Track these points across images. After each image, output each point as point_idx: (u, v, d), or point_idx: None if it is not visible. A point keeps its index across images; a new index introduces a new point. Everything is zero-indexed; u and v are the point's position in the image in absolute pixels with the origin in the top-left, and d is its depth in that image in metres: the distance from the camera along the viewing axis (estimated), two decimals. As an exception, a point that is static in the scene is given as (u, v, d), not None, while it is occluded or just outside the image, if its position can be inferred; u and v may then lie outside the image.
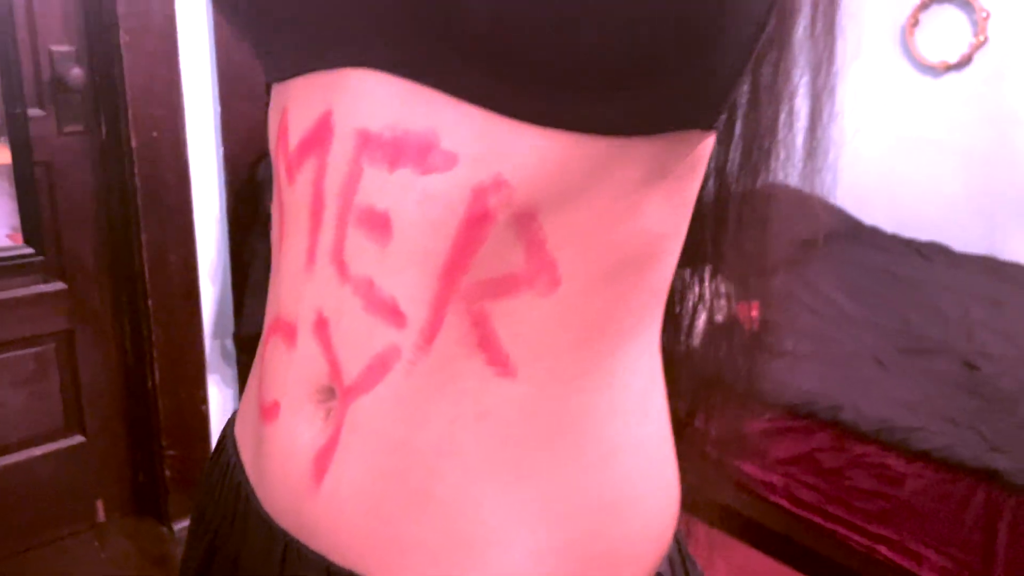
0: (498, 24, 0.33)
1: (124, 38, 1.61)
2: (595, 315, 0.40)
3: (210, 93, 1.77)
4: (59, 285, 1.76)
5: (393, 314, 0.39)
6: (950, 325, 2.15)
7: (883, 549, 1.70)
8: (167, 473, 1.88)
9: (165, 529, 1.91)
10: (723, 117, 0.40)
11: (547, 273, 0.38)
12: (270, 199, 1.79)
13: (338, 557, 0.42)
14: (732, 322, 0.56)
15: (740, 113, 0.48)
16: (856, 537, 1.74)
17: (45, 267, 1.74)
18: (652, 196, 0.39)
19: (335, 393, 0.42)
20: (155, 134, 1.70)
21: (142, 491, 1.96)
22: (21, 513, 1.80)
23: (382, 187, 0.38)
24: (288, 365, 0.44)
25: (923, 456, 1.64)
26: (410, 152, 0.37)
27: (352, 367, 0.40)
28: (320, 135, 0.40)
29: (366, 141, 0.38)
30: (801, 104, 0.49)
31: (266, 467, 0.45)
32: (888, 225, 2.85)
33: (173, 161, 1.74)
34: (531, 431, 0.40)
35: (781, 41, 0.45)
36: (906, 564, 1.67)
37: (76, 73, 1.64)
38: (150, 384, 1.83)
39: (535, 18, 0.32)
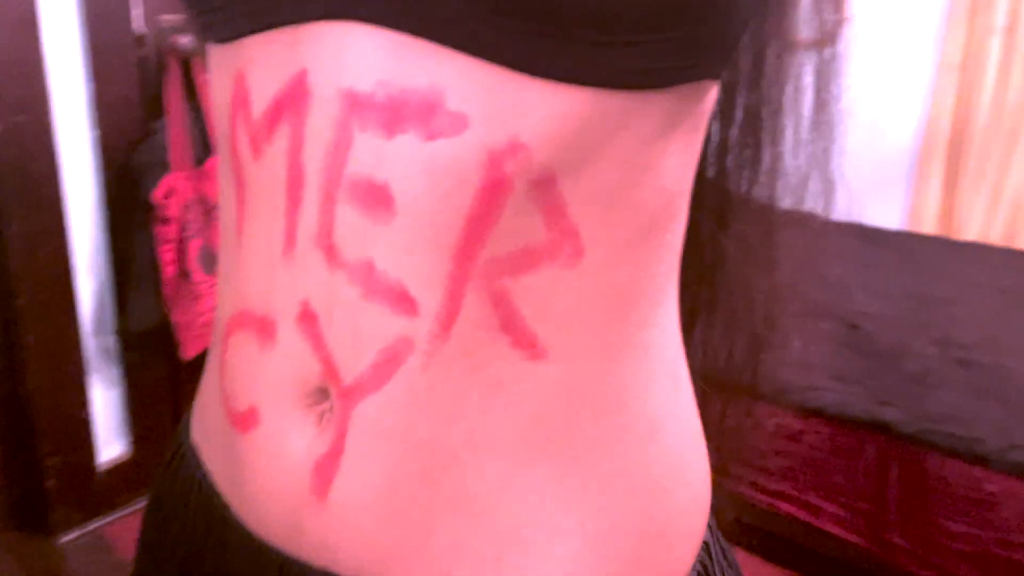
0: None
1: (-21, 12, 1.47)
2: (623, 285, 0.37)
3: (80, 70, 1.64)
4: (-86, 286, 1.60)
5: (402, 301, 0.34)
6: (830, 288, 2.26)
7: (784, 505, 1.78)
8: (49, 483, 1.75)
9: (50, 543, 1.77)
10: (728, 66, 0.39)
11: (570, 243, 0.35)
12: (151, 185, 1.69)
13: (353, 571, 0.38)
14: (734, 320, 0.54)
15: (742, 92, 0.46)
16: (758, 495, 1.81)
17: None
18: (668, 151, 0.37)
19: (329, 394, 0.37)
20: (19, 118, 1.56)
21: (22, 504, 1.81)
22: None
23: (379, 156, 0.34)
24: (264, 366, 0.39)
25: (818, 413, 1.72)
26: (411, 114, 0.33)
27: (352, 365, 0.36)
28: (293, 99, 0.35)
29: (354, 103, 0.34)
30: (808, 80, 0.47)
31: (248, 481, 0.40)
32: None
33: (40, 147, 1.60)
34: (572, 413, 0.37)
35: (786, 9, 0.43)
36: (805, 517, 1.75)
37: (-77, 51, 1.49)
38: (25, 389, 1.69)
39: None
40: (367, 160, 0.34)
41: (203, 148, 1.74)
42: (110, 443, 1.85)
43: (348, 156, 0.34)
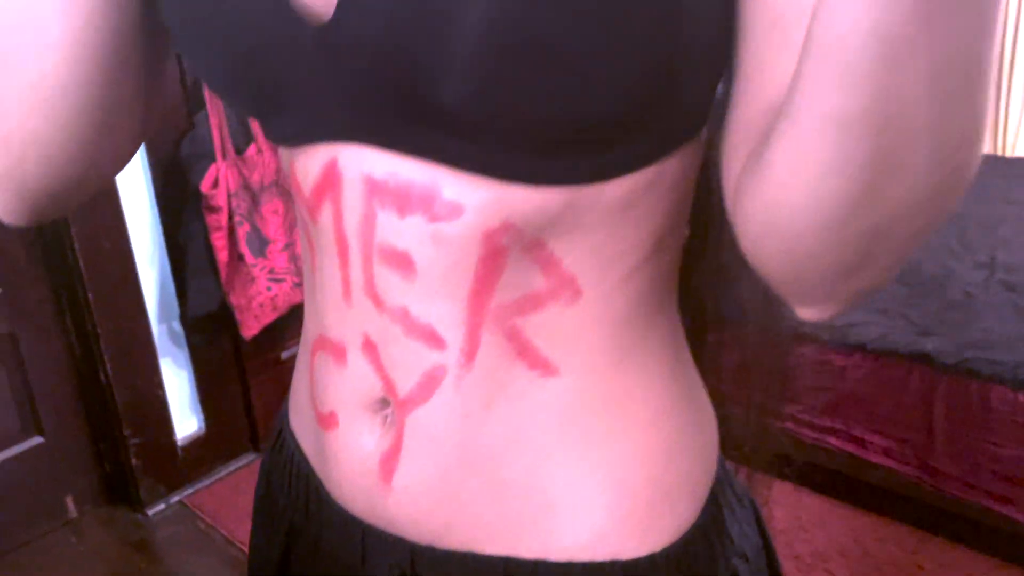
0: (475, 104, 0.36)
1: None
2: (621, 310, 0.44)
3: (120, 74, 1.71)
4: (-7, 289, 1.73)
5: (432, 338, 0.43)
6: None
7: (832, 440, 1.81)
8: (133, 461, 1.88)
9: (140, 515, 1.92)
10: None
11: (568, 288, 0.43)
12: (198, 175, 1.77)
13: (417, 537, 0.47)
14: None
15: None
16: (806, 431, 1.84)
17: (-25, 273, 1.70)
18: (656, 203, 0.43)
19: (390, 403, 0.46)
20: (69, 123, 1.64)
21: (111, 481, 1.96)
22: (-9, 520, 1.80)
23: (397, 230, 0.41)
24: (341, 381, 0.48)
25: (860, 348, 1.74)
26: (415, 201, 0.40)
27: (404, 383, 0.44)
28: (330, 181, 0.43)
29: (373, 187, 0.41)
30: None
31: (333, 467, 0.50)
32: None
33: (92, 149, 1.69)
34: (585, 413, 0.45)
35: None
36: (853, 450, 1.78)
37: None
38: (102, 376, 1.81)
39: (512, 92, 0.35)
40: (389, 232, 0.41)
41: (243, 136, 1.81)
42: (185, 420, 1.98)
43: (375, 228, 0.42)
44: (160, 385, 1.90)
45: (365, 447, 0.47)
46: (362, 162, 0.41)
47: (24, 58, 0.42)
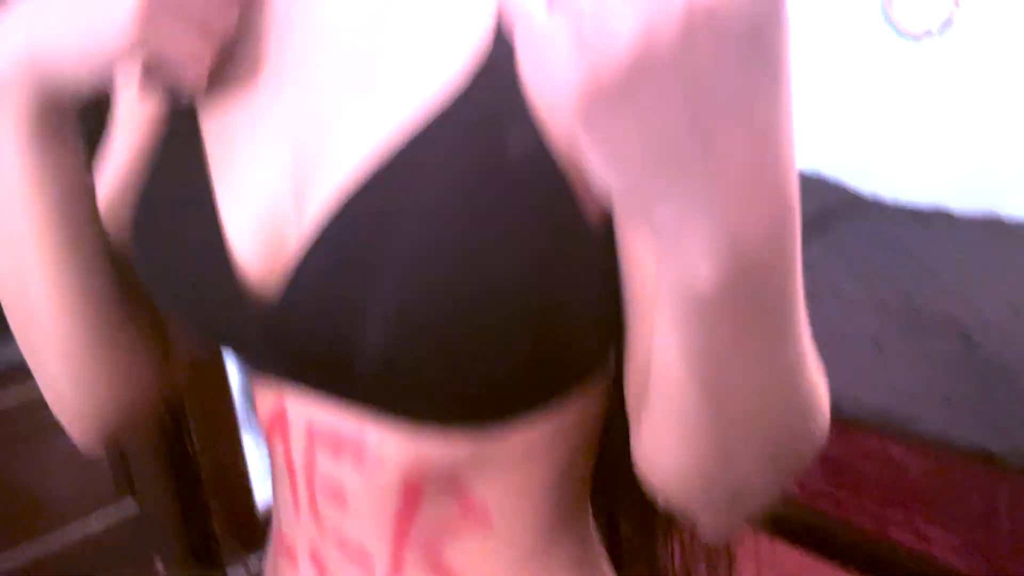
0: (387, 379, 0.44)
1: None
2: (531, 531, 0.51)
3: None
4: (94, 369, 1.89)
5: (363, 557, 0.51)
6: (949, 295, 2.15)
7: (894, 532, 1.78)
8: (216, 525, 2.01)
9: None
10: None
11: (480, 516, 0.49)
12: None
13: None
14: None
15: None
16: (867, 521, 1.81)
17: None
18: (561, 440, 0.49)
19: None
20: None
21: (196, 544, 2.10)
22: (89, 578, 1.95)
23: (332, 470, 0.49)
24: None
25: (921, 443, 1.70)
26: (346, 446, 0.48)
27: None
28: (279, 420, 0.51)
29: (313, 431, 0.49)
30: None
31: None
32: (888, 194, 2.86)
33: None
34: None
35: None
36: (917, 545, 1.74)
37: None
38: (190, 449, 1.96)
39: (414, 373, 0.43)
40: (326, 470, 0.50)
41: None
42: (265, 489, 2.10)
43: (315, 464, 0.50)
44: (242, 456, 2.03)
45: None
46: (304, 410, 0.49)
47: (30, 338, 0.52)
